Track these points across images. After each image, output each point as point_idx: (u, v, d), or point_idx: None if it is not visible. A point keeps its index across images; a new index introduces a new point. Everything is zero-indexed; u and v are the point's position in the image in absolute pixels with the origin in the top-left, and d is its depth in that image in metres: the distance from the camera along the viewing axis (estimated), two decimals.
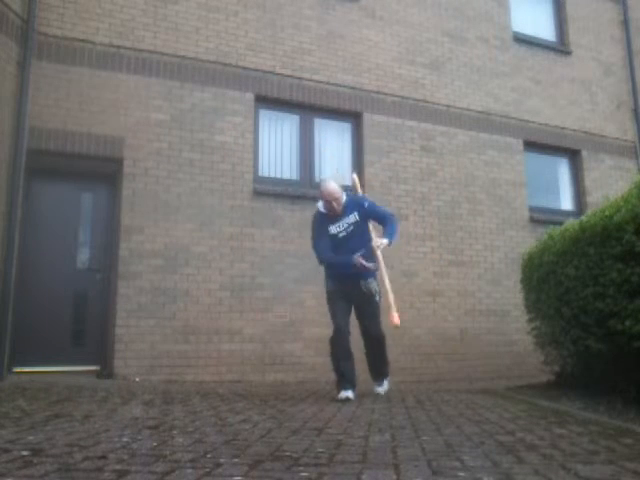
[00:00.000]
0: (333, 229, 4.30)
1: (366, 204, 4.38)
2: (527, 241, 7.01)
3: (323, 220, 4.34)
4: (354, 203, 4.35)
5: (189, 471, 1.71)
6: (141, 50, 6.00)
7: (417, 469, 1.77)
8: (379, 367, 4.45)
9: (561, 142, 8.26)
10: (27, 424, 2.59)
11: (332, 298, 4.29)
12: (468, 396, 4.41)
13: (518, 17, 8.39)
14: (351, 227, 4.27)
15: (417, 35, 7.49)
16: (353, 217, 4.29)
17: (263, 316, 5.93)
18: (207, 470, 1.72)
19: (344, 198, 4.30)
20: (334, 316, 4.23)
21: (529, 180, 7.82)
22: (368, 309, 4.25)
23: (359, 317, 4.34)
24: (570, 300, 4.14)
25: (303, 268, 5.92)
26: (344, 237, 4.25)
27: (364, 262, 4.09)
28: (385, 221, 4.38)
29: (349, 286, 4.21)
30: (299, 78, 6.68)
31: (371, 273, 4.23)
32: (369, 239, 4.30)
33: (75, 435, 2.31)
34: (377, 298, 4.28)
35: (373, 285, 4.24)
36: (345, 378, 4.10)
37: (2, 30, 5.27)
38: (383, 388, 4.47)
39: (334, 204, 4.22)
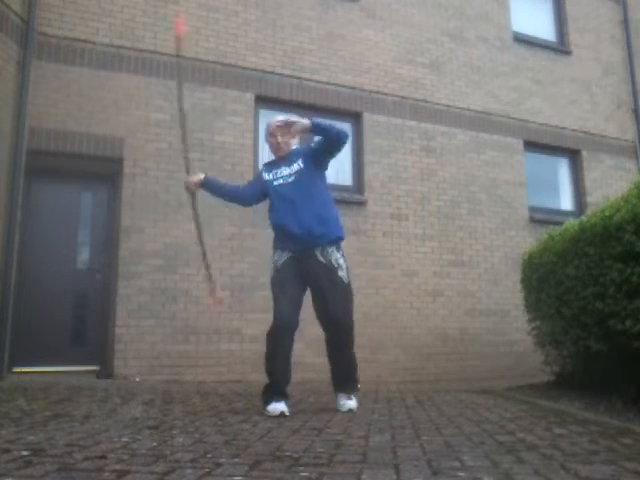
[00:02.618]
0: (267, 175, 3.53)
1: (312, 145, 3.58)
2: (527, 241, 7.01)
3: (263, 168, 3.67)
4: (301, 151, 3.58)
5: (189, 471, 1.71)
6: (141, 50, 6.00)
7: (417, 469, 1.77)
8: (349, 372, 3.42)
9: (561, 142, 8.26)
10: (27, 424, 2.59)
11: (278, 277, 3.36)
12: (468, 396, 4.41)
13: (518, 17, 8.38)
14: (292, 177, 3.44)
15: (417, 35, 7.49)
16: (297, 165, 3.46)
17: (263, 316, 5.91)
18: (207, 470, 1.72)
19: (294, 143, 3.59)
20: (277, 301, 3.30)
21: (529, 180, 7.82)
22: (330, 289, 3.28)
23: (319, 302, 3.36)
24: (570, 300, 4.14)
25: None
26: (284, 187, 3.42)
27: None
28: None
29: (301, 258, 3.32)
30: (299, 78, 6.68)
31: (332, 239, 3.35)
32: (322, 196, 3.45)
33: (75, 435, 2.31)
34: (343, 275, 3.33)
35: (335, 256, 3.32)
36: (276, 387, 3.19)
37: (2, 30, 5.26)
38: (354, 402, 3.37)
39: (279, 138, 3.49)
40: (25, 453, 1.92)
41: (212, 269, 3.74)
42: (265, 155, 6.48)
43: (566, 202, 8.32)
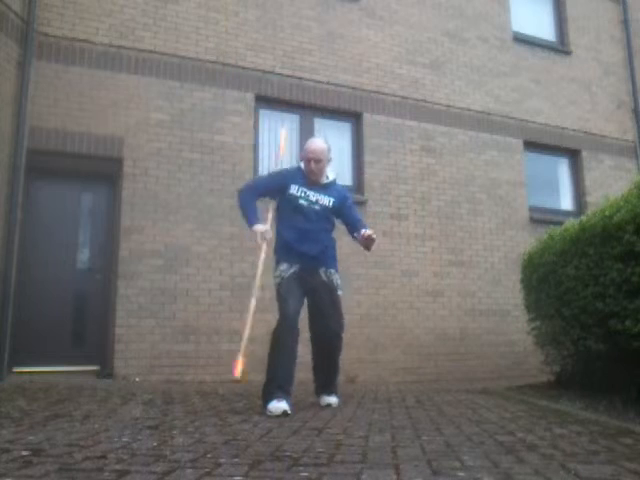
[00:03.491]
0: (296, 190, 3.60)
1: (349, 200, 3.80)
2: (527, 241, 7.00)
3: (290, 175, 3.70)
4: (339, 189, 3.78)
5: (189, 471, 1.71)
6: (141, 50, 6.00)
7: (417, 469, 1.77)
8: (332, 376, 3.74)
9: (561, 142, 8.26)
10: (27, 424, 2.59)
11: (285, 283, 3.52)
12: (468, 396, 4.41)
13: (518, 17, 8.39)
14: (317, 206, 3.61)
15: (417, 35, 7.49)
16: (327, 201, 3.63)
17: (263, 316, 5.91)
18: (207, 470, 1.72)
19: (329, 172, 3.74)
20: (285, 302, 3.45)
21: (529, 180, 7.82)
22: (328, 300, 3.60)
23: (317, 315, 3.62)
24: (570, 300, 4.14)
25: None
26: (306, 208, 3.58)
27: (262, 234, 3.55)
28: (359, 224, 3.69)
29: (307, 272, 3.56)
30: (299, 78, 6.68)
31: (335, 264, 3.70)
32: (331, 235, 3.74)
33: (75, 435, 2.31)
34: (340, 294, 3.70)
35: (336, 277, 3.66)
36: (281, 385, 3.25)
37: (2, 30, 5.26)
38: (336, 399, 3.68)
39: (312, 165, 3.60)
40: (25, 453, 1.92)
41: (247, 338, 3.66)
42: (265, 155, 6.51)
43: (566, 202, 8.32)
